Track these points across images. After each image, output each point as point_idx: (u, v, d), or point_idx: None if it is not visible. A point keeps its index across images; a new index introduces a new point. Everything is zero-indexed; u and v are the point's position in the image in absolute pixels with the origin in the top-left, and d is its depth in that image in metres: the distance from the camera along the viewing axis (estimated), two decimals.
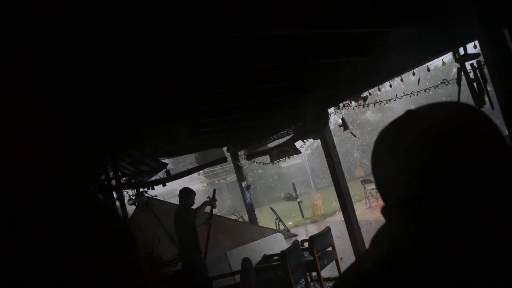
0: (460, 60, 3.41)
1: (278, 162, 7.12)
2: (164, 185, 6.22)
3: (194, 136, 5.32)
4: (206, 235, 6.18)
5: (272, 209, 8.46)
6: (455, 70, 3.67)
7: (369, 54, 3.89)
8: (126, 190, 6.19)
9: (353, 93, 4.83)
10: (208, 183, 26.23)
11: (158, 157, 5.35)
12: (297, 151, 6.68)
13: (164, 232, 6.40)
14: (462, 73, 3.44)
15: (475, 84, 3.27)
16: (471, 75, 3.32)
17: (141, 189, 6.42)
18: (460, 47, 3.34)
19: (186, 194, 5.96)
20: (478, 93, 3.26)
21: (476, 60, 3.32)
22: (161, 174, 6.10)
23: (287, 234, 7.73)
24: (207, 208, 6.27)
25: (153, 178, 6.32)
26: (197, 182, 26.32)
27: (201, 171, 26.28)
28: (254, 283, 5.45)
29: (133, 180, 5.62)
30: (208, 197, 6.69)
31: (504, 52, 1.52)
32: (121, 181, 5.25)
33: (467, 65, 3.42)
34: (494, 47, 1.59)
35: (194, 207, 6.20)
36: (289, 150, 6.61)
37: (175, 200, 5.94)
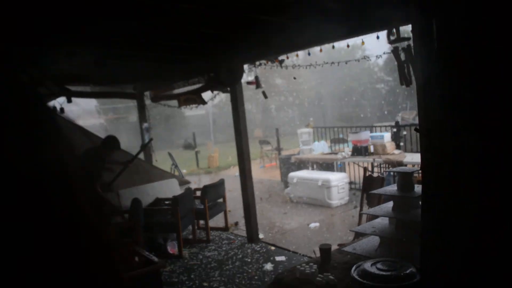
0: (393, 42, 3.65)
1: (185, 108, 7.04)
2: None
3: (99, 65, 5.04)
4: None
5: (170, 154, 8.42)
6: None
7: (294, 18, 3.96)
8: None
9: (272, 53, 4.90)
10: (107, 119, 25.13)
11: (62, 83, 4.99)
12: (203, 102, 6.66)
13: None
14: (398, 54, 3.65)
15: (405, 65, 3.51)
16: (402, 56, 3.57)
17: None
18: (383, 29, 3.58)
19: (109, 144, 5.70)
20: (405, 74, 3.53)
21: (407, 43, 3.56)
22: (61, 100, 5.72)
23: (182, 180, 7.77)
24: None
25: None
26: (95, 117, 25.07)
27: (101, 108, 25.08)
28: (142, 223, 5.46)
29: None
30: (142, 142, 6.51)
31: (428, 40, 1.66)
32: None
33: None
34: (421, 34, 1.73)
35: None
36: (196, 99, 6.56)
37: None
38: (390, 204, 3.09)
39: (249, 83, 6.20)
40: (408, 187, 2.95)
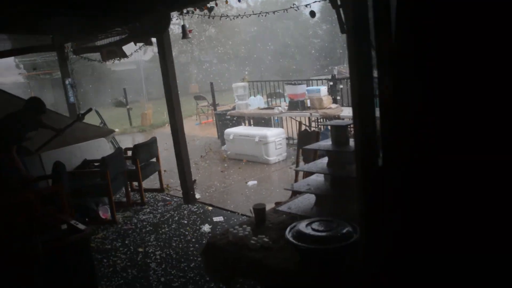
0: None
1: (112, 62, 6.53)
2: None
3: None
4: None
5: (96, 111, 7.90)
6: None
7: None
8: None
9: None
10: (28, 75, 23.37)
11: None
12: (124, 55, 6.18)
13: None
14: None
15: (340, 10, 3.29)
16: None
17: None
18: None
19: (34, 107, 5.14)
20: (342, 19, 3.33)
21: None
22: None
23: (106, 130, 7.31)
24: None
25: None
26: (15, 73, 23.28)
27: (20, 62, 23.23)
28: (67, 188, 5.09)
29: None
30: (78, 114, 5.94)
31: None
32: None
33: None
34: None
35: None
36: (117, 51, 6.07)
37: None
38: (325, 160, 2.97)
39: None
40: (343, 142, 2.84)
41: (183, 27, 5.38)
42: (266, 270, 2.35)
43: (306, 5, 3.86)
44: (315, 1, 3.37)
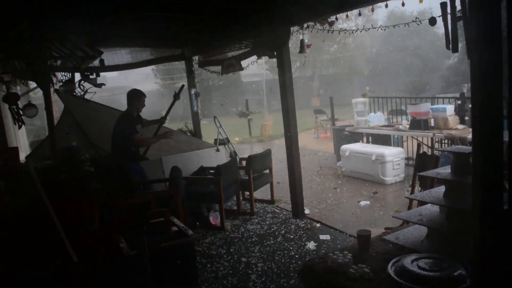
0: None
1: (232, 73, 6.77)
2: (99, 85, 5.82)
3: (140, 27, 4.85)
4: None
5: (215, 117, 8.28)
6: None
7: None
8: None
9: (321, 14, 4.46)
10: (163, 84, 25.50)
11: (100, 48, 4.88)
12: (241, 68, 6.35)
13: (80, 131, 6.04)
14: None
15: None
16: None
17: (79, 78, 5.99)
18: None
19: (134, 96, 5.59)
20: (448, 35, 2.95)
21: None
22: (96, 63, 5.63)
23: (224, 141, 7.60)
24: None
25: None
26: (151, 83, 25.53)
27: (157, 71, 25.46)
28: (183, 192, 5.34)
29: (69, 64, 5.15)
30: (174, 92, 6.42)
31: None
32: (50, 62, 4.80)
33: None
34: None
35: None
36: (235, 64, 6.26)
37: (124, 99, 5.61)
38: (442, 189, 2.68)
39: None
40: (465, 171, 2.52)
41: (302, 41, 5.36)
42: None
43: (431, 19, 3.53)
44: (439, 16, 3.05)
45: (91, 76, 5.99)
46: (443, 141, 7.80)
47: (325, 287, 2.45)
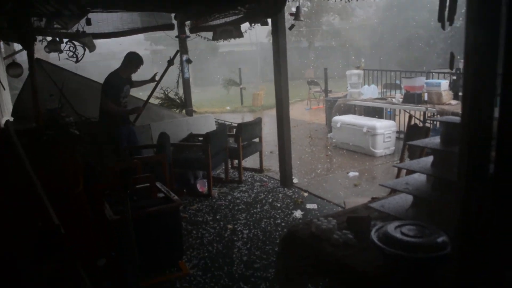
0: None
1: (222, 41, 6.60)
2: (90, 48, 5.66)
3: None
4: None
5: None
6: None
7: None
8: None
9: None
10: (152, 51, 25.07)
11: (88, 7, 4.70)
12: (241, 34, 6.20)
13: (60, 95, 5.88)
14: None
15: None
16: None
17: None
18: None
19: (133, 60, 5.45)
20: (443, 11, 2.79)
21: None
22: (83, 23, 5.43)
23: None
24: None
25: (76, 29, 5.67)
26: (142, 49, 25.09)
27: (149, 38, 24.96)
28: (170, 158, 5.29)
29: (54, 25, 4.97)
30: (170, 57, 6.30)
31: None
32: (34, 21, 4.63)
33: None
34: None
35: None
36: (233, 31, 6.10)
37: (114, 63, 5.45)
38: (430, 159, 2.64)
39: (291, 14, 5.63)
40: (454, 141, 2.48)
41: (297, 8, 5.22)
42: (342, 269, 2.15)
43: None
44: None
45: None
46: (435, 116, 7.76)
47: (308, 253, 2.44)
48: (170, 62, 6.19)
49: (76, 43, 5.77)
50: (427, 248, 1.88)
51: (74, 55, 5.86)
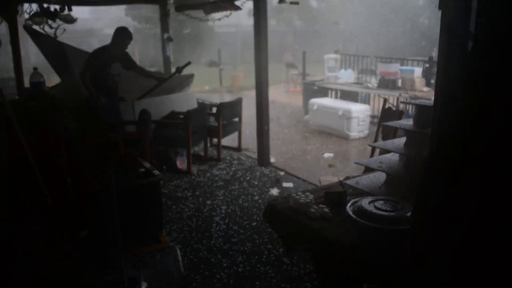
0: None
1: (217, 20, 6.56)
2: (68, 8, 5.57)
3: None
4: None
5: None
6: None
7: None
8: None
9: None
10: (136, 28, 24.62)
11: None
12: (237, 7, 6.18)
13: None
14: None
15: None
16: None
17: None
18: None
19: (120, 34, 5.42)
20: None
21: None
22: None
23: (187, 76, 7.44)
24: None
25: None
26: (125, 24, 24.59)
27: (130, 15, 24.43)
28: (151, 135, 5.35)
29: None
30: (177, 67, 6.26)
31: None
32: None
33: None
34: None
35: None
36: (227, 6, 6.10)
37: (93, 41, 5.39)
38: (403, 139, 2.81)
39: None
40: (425, 123, 2.65)
41: None
42: (320, 240, 2.31)
43: None
44: None
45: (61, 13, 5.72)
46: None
47: (286, 225, 2.59)
48: (180, 71, 6.19)
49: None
50: (398, 221, 2.05)
51: (54, 28, 5.78)
